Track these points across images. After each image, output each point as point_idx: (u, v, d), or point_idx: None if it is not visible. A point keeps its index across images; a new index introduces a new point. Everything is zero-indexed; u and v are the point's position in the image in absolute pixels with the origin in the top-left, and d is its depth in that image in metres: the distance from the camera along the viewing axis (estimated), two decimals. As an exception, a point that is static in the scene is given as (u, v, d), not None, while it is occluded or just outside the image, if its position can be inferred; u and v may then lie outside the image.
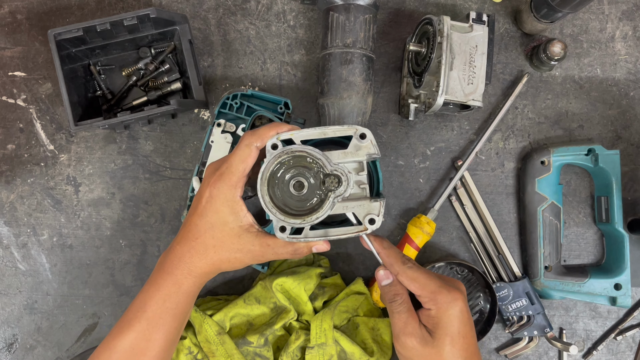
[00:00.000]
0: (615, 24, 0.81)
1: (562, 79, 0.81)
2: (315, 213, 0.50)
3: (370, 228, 0.52)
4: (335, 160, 0.51)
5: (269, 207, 0.51)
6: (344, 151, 0.52)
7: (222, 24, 0.80)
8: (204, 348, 0.69)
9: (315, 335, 0.68)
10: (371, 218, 0.51)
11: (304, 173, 0.51)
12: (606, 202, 0.78)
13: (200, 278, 0.56)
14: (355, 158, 0.52)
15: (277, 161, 0.51)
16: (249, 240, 0.53)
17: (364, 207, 0.52)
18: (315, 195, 0.51)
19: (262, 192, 0.51)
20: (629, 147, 0.81)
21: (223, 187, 0.53)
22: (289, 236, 0.51)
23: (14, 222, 0.79)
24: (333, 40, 0.71)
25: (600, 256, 0.81)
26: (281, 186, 0.51)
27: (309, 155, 0.51)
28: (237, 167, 0.53)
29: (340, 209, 0.51)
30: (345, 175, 0.51)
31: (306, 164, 0.51)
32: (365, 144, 0.52)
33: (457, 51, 0.68)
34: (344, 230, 0.52)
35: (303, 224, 0.51)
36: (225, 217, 0.53)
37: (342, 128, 0.52)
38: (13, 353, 0.79)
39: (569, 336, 0.80)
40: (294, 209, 0.51)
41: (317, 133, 0.52)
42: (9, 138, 0.79)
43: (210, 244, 0.54)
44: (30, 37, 0.79)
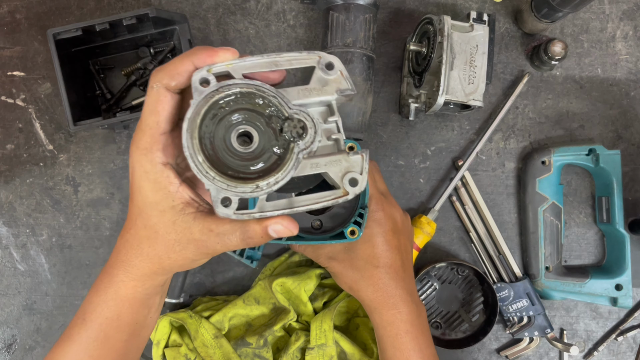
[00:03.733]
0: (616, 23, 0.81)
1: (562, 79, 0.80)
2: (274, 174, 0.36)
3: (352, 192, 0.38)
4: (295, 101, 0.38)
5: (201, 168, 0.35)
6: (306, 87, 0.39)
7: (221, 24, 0.80)
8: (201, 353, 0.69)
9: (315, 336, 0.68)
10: (352, 178, 0.38)
11: (251, 120, 0.37)
12: (607, 203, 0.77)
13: (142, 281, 0.43)
14: (322, 97, 0.39)
15: (209, 103, 0.36)
16: (185, 226, 0.39)
17: (340, 163, 0.38)
18: (270, 150, 0.37)
19: (189, 148, 0.35)
20: (630, 147, 0.80)
21: (135, 153, 0.38)
22: (237, 212, 0.36)
23: (13, 223, 0.79)
24: (333, 39, 0.71)
25: (601, 256, 0.81)
26: (219, 140, 0.37)
27: (258, 93, 0.37)
28: (146, 122, 0.38)
29: (307, 168, 0.38)
30: (311, 120, 0.37)
31: (254, 106, 0.37)
32: (334, 76, 0.39)
33: (458, 51, 0.68)
34: (315, 197, 0.38)
35: (257, 191, 0.36)
36: (149, 196, 0.39)
37: (301, 55, 0.39)
38: (12, 354, 0.79)
39: (569, 337, 0.80)
40: (241, 172, 0.37)
41: (265, 63, 0.38)
42: (8, 138, 0.78)
43: (143, 235, 0.40)
44: (29, 37, 0.79)
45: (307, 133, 0.37)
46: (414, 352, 0.57)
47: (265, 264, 0.78)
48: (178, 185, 0.39)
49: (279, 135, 0.37)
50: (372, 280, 0.58)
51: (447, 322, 0.78)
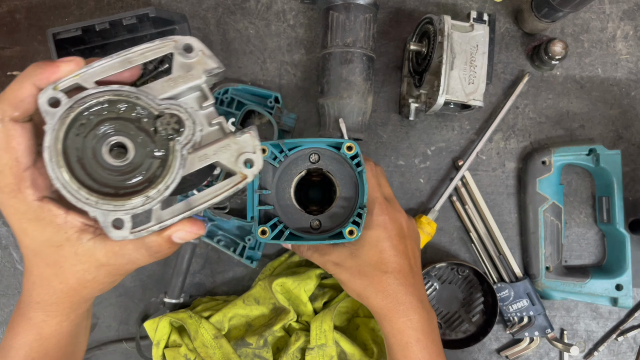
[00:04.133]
0: (616, 23, 0.81)
1: (563, 79, 0.80)
2: (162, 179, 0.33)
3: (250, 173, 0.36)
4: (162, 95, 0.35)
5: (79, 196, 0.32)
6: (170, 77, 0.35)
7: (221, 24, 0.80)
8: (200, 353, 0.69)
9: (315, 336, 0.68)
10: (246, 159, 0.35)
11: (120, 129, 0.33)
12: (607, 203, 0.77)
13: (67, 315, 0.40)
14: (189, 83, 0.35)
15: (66, 124, 0.32)
16: (89, 254, 0.36)
17: (229, 147, 0.36)
18: (150, 155, 0.34)
19: (59, 179, 0.32)
20: (630, 147, 0.80)
21: (3, 199, 0.35)
22: (134, 230, 0.34)
23: (13, 223, 0.78)
24: (333, 39, 0.71)
25: (602, 257, 0.81)
26: (90, 160, 0.33)
27: (118, 98, 0.33)
28: (3, 162, 0.33)
29: (196, 162, 0.35)
30: (185, 111, 0.34)
31: (118, 113, 0.33)
32: (196, 58, 0.36)
33: (458, 51, 0.68)
34: (214, 190, 0.35)
35: (149, 203, 0.33)
36: (38, 235, 0.35)
37: (154, 45, 0.35)
38: (12, 354, 0.78)
39: (570, 337, 0.80)
40: (125, 187, 0.33)
41: (117, 63, 0.34)
42: (8, 138, 0.78)
43: (49, 273, 0.37)
44: (29, 37, 0.78)
45: (185, 126, 0.34)
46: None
47: (265, 264, 0.78)
48: (65, 216, 0.35)
49: (154, 136, 0.34)
50: (381, 286, 0.55)
51: (447, 322, 0.78)
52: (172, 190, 0.34)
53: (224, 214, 0.75)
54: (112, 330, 0.79)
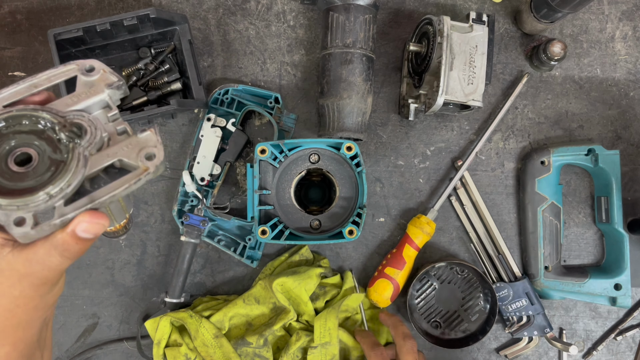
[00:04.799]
0: (615, 24, 0.81)
1: (562, 79, 0.81)
2: (61, 177, 0.35)
3: (152, 166, 0.37)
4: (66, 109, 0.37)
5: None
6: (73, 94, 0.38)
7: (222, 24, 0.80)
8: (201, 352, 0.69)
9: (319, 335, 0.68)
10: (147, 152, 0.37)
11: (26, 141, 0.36)
12: (606, 202, 0.78)
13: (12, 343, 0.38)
14: (93, 98, 0.38)
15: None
16: (8, 267, 0.36)
17: (132, 146, 0.38)
18: (54, 160, 0.36)
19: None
20: (629, 147, 0.81)
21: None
22: (35, 227, 0.34)
23: (14, 222, 0.79)
24: (333, 40, 0.71)
25: (600, 256, 0.81)
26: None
27: (21, 114, 0.36)
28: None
29: (100, 161, 0.37)
30: (86, 117, 0.37)
31: (24, 127, 0.36)
32: (98, 75, 0.39)
33: (457, 51, 0.68)
34: (116, 183, 0.36)
35: (52, 200, 0.34)
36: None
37: (58, 70, 0.39)
38: (13, 353, 0.79)
39: (569, 336, 0.80)
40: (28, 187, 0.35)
41: (23, 88, 0.38)
42: (9, 138, 0.79)
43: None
44: (30, 37, 0.79)
45: (87, 131, 0.36)
46: None
47: (265, 263, 0.78)
48: None
49: (58, 144, 0.36)
50: None
51: (447, 321, 0.79)
52: (75, 188, 0.35)
53: (225, 214, 0.76)
54: (113, 330, 0.79)
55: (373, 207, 0.80)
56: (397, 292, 0.75)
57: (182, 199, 0.77)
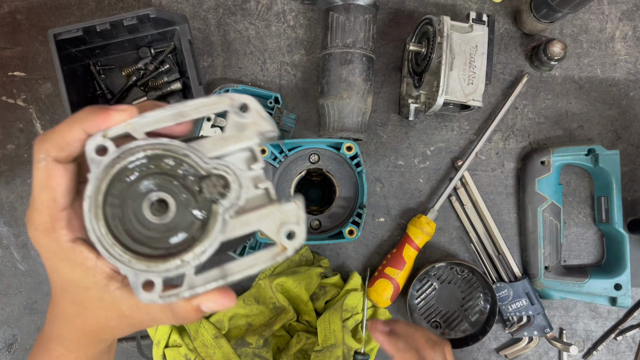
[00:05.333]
0: (615, 24, 0.81)
1: (562, 79, 0.81)
2: (199, 243, 0.31)
3: (290, 246, 0.33)
4: (211, 153, 0.33)
5: (113, 252, 0.31)
6: (222, 136, 0.34)
7: (222, 24, 0.80)
8: (201, 353, 0.69)
9: (324, 338, 0.68)
10: (289, 230, 0.33)
11: (164, 185, 0.32)
12: (606, 202, 0.78)
13: (84, 352, 0.39)
14: (241, 143, 0.34)
15: (111, 174, 0.31)
16: (113, 302, 0.35)
17: (273, 216, 0.33)
18: (191, 216, 0.32)
19: (95, 231, 0.31)
20: (629, 147, 0.81)
21: (35, 235, 0.34)
22: (163, 294, 0.31)
23: (14, 222, 0.79)
24: (333, 40, 0.71)
25: (600, 256, 0.81)
26: (130, 215, 0.32)
27: (167, 153, 0.32)
28: (40, 200, 0.33)
29: (237, 229, 0.33)
30: (233, 173, 0.33)
31: (164, 169, 0.32)
32: (251, 118, 0.34)
33: (457, 51, 0.68)
34: (250, 261, 0.33)
35: (182, 267, 0.31)
36: (67, 274, 0.35)
37: (209, 101, 0.34)
38: (13, 353, 0.79)
39: (569, 336, 0.80)
40: (161, 247, 0.32)
41: (169, 115, 0.33)
42: (9, 138, 0.79)
43: (73, 312, 0.37)
44: (30, 37, 0.79)
45: (231, 189, 0.32)
46: None
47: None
48: (95, 260, 0.34)
49: (198, 195, 0.32)
50: None
51: (447, 321, 0.79)
52: (208, 257, 0.32)
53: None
54: (113, 330, 0.79)
55: (373, 207, 0.80)
56: (397, 292, 0.75)
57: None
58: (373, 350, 0.75)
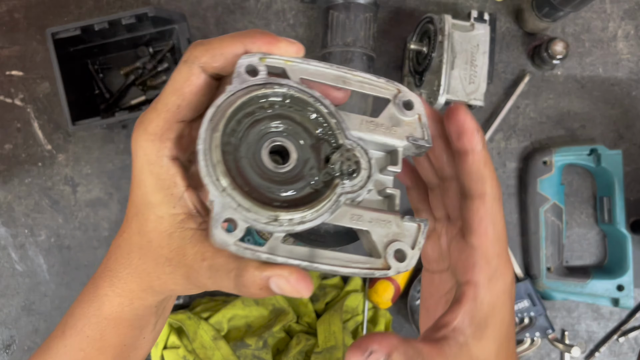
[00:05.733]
0: (617, 23, 0.80)
1: (564, 79, 0.80)
2: (303, 209, 0.27)
3: (394, 267, 0.28)
4: (354, 132, 0.30)
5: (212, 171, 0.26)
6: (373, 120, 0.31)
7: (221, 23, 0.79)
8: (200, 354, 0.68)
9: (324, 339, 0.68)
10: (400, 250, 0.28)
11: (295, 134, 0.29)
12: (608, 203, 0.77)
13: (129, 299, 0.35)
14: (388, 138, 0.30)
15: (249, 96, 0.28)
16: (180, 244, 0.30)
17: (388, 226, 0.29)
18: (306, 179, 0.28)
19: (205, 141, 0.26)
20: (632, 147, 0.80)
21: (141, 137, 0.30)
22: (239, 243, 0.26)
23: (12, 223, 0.78)
24: (333, 39, 0.70)
25: (603, 257, 0.80)
26: (247, 147, 0.28)
27: (314, 104, 0.29)
28: (164, 102, 0.30)
29: (346, 218, 0.28)
30: (368, 161, 0.29)
31: (303, 119, 0.29)
32: (410, 118, 0.31)
33: (459, 50, 0.68)
34: (345, 259, 0.28)
35: (273, 225, 0.26)
36: (149, 194, 0.31)
37: (377, 81, 0.32)
38: (11, 355, 0.78)
39: (571, 338, 0.80)
40: (262, 193, 0.27)
41: (332, 75, 0.31)
42: (6, 138, 0.78)
43: (135, 242, 0.33)
44: (28, 36, 0.78)
45: (359, 175, 0.28)
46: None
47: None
48: (183, 190, 0.30)
49: (323, 164, 0.28)
50: None
51: (448, 323, 0.78)
52: (304, 229, 0.27)
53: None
54: (111, 331, 0.79)
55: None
56: (397, 294, 0.75)
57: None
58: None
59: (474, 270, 0.31)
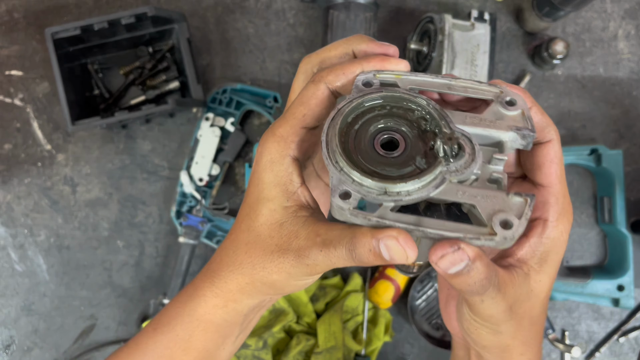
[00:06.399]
0: (618, 22, 0.80)
1: (564, 78, 0.80)
2: (409, 180, 0.30)
3: (501, 235, 0.30)
4: (459, 125, 0.33)
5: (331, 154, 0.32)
6: (476, 115, 0.33)
7: (220, 22, 0.79)
8: None
9: (324, 340, 0.68)
10: (505, 219, 0.30)
11: (403, 127, 0.33)
12: (609, 203, 0.77)
13: (225, 300, 0.37)
14: (493, 130, 0.33)
15: (363, 99, 0.33)
16: (292, 229, 0.34)
17: (495, 200, 0.31)
18: (413, 161, 0.32)
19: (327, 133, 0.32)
20: (632, 146, 0.80)
21: (270, 140, 0.35)
22: (352, 209, 0.30)
23: (11, 223, 0.78)
24: (333, 38, 0.70)
25: (603, 257, 0.80)
26: (363, 137, 0.33)
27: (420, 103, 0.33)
28: (292, 112, 0.35)
29: (451, 193, 0.31)
30: (472, 146, 0.31)
31: (410, 115, 0.34)
32: (514, 113, 0.33)
33: (459, 50, 0.68)
34: (452, 225, 0.30)
35: (382, 196, 0.30)
36: (265, 190, 0.35)
37: (479, 86, 0.34)
38: (10, 355, 0.78)
39: (571, 338, 0.80)
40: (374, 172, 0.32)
41: (437, 83, 0.34)
42: (6, 138, 0.78)
43: (243, 239, 0.35)
44: (28, 36, 0.78)
45: (463, 157, 0.31)
46: None
47: (264, 264, 0.77)
48: (298, 186, 0.34)
49: (428, 151, 0.32)
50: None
51: (448, 323, 0.78)
52: (410, 201, 0.31)
53: (224, 215, 0.75)
54: (111, 332, 0.78)
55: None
56: (398, 294, 0.75)
57: (180, 199, 0.76)
58: (374, 352, 0.74)
59: (544, 207, 0.34)
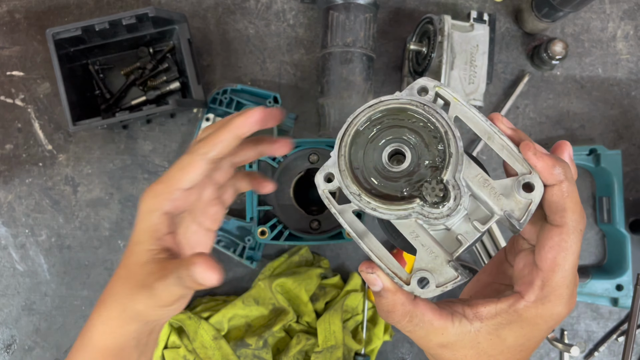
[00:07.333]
0: (616, 23, 0.81)
1: (563, 79, 0.80)
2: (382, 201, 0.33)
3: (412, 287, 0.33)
4: (465, 178, 0.33)
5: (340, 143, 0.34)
6: (488, 179, 0.33)
7: (221, 23, 0.79)
8: (200, 354, 0.69)
9: (324, 339, 0.68)
10: (424, 278, 0.33)
11: (416, 148, 0.34)
12: (608, 203, 0.77)
13: (111, 327, 0.40)
14: (490, 201, 0.33)
15: (403, 105, 0.34)
16: (151, 269, 0.39)
17: (434, 259, 0.33)
18: (403, 185, 0.33)
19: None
20: (631, 147, 0.80)
21: (148, 195, 0.40)
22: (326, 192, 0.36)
23: (12, 223, 0.78)
24: (333, 39, 0.71)
25: (602, 257, 0.80)
26: (369, 157, 0.34)
27: (448, 140, 0.33)
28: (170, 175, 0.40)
29: (406, 228, 0.34)
30: (457, 204, 0.32)
31: (431, 143, 0.34)
32: (522, 198, 0.33)
33: (458, 50, 0.68)
34: (383, 254, 0.35)
35: (354, 197, 0.34)
36: (139, 235, 0.40)
37: (517, 154, 0.33)
38: (12, 354, 0.78)
39: (570, 337, 0.80)
40: (362, 177, 0.34)
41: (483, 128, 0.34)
42: (7, 138, 0.78)
43: (122, 274, 0.41)
44: (29, 37, 0.78)
45: (438, 210, 0.32)
46: None
47: (265, 264, 0.78)
48: (164, 234, 0.40)
49: (418, 185, 0.33)
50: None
51: (448, 322, 0.78)
52: (373, 215, 0.34)
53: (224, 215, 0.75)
54: (112, 331, 0.79)
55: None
56: (397, 293, 0.75)
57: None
58: (373, 351, 0.74)
59: (527, 287, 0.34)
